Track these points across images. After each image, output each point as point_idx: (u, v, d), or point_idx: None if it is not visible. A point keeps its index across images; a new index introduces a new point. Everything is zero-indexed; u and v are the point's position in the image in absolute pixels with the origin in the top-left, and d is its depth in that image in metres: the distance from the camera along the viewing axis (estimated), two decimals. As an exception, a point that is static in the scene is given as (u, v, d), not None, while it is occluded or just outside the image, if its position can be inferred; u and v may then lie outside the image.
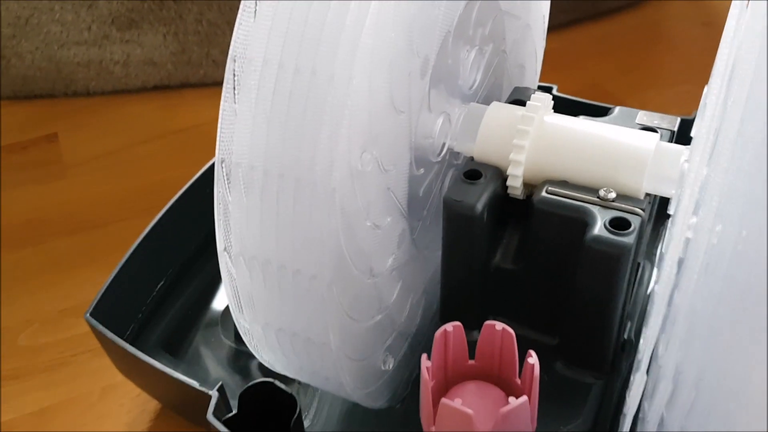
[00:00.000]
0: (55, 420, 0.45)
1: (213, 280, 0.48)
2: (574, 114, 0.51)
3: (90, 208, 0.60)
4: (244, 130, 0.26)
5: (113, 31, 0.67)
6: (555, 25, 0.78)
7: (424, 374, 0.30)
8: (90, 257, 0.56)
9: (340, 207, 0.27)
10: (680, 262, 0.26)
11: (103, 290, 0.41)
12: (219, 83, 0.79)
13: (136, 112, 0.71)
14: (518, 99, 0.41)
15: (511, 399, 0.29)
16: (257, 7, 0.26)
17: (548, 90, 0.55)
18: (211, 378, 0.43)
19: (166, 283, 0.46)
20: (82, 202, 0.61)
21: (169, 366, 0.42)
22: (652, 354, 0.26)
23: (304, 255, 0.28)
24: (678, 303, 0.25)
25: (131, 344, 0.42)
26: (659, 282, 0.25)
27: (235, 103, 0.26)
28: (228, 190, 0.27)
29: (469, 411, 0.29)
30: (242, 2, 0.27)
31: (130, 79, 0.70)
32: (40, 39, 0.67)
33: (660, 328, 0.24)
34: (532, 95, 0.37)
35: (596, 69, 0.74)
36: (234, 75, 0.26)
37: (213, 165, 0.48)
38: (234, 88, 0.26)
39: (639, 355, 0.25)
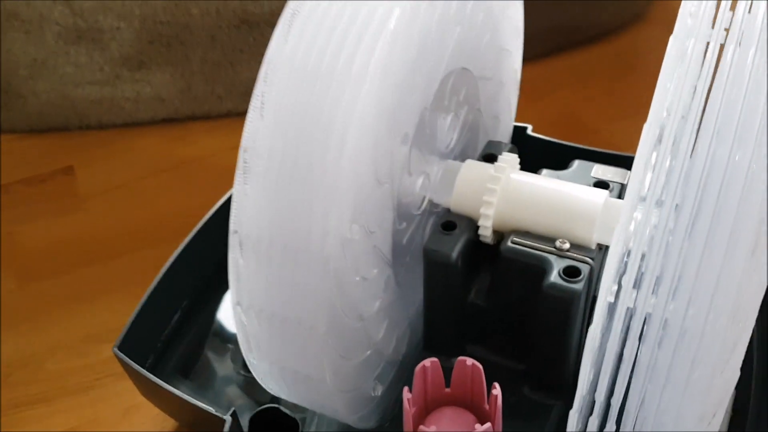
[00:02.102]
0: (82, 439, 0.51)
1: (224, 309, 0.54)
2: (547, 152, 0.57)
3: (106, 240, 0.66)
4: (252, 208, 0.32)
5: (124, 71, 0.72)
6: (532, 56, 0.83)
7: (405, 405, 0.36)
8: (108, 286, 0.61)
9: (333, 270, 0.32)
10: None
11: (128, 325, 0.46)
12: (222, 116, 0.84)
13: (145, 144, 0.76)
14: (490, 153, 0.46)
15: (477, 426, 0.35)
16: (263, 105, 0.32)
17: (523, 130, 0.60)
18: (223, 400, 0.48)
19: (182, 313, 0.52)
20: (99, 233, 0.66)
21: (186, 389, 0.48)
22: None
23: (303, 310, 0.33)
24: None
25: (152, 370, 0.48)
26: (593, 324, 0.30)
27: (245, 184, 0.32)
28: (240, 256, 0.33)
29: (443, 438, 0.34)
30: (252, 100, 0.32)
31: (140, 113, 0.76)
32: (55, 80, 0.72)
33: (590, 367, 0.29)
34: (500, 156, 0.43)
35: (573, 99, 0.80)
36: (245, 162, 0.32)
37: (223, 203, 0.54)
38: (244, 173, 0.32)
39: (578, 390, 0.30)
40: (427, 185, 0.42)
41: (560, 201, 0.41)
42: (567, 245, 0.40)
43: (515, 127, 0.59)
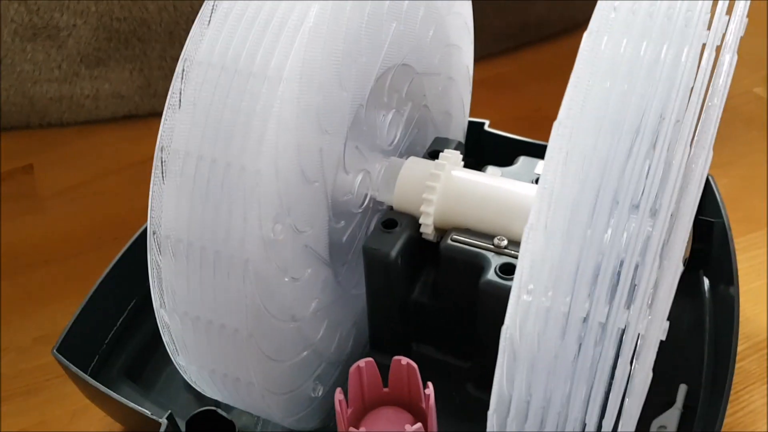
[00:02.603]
0: (29, 441, 0.50)
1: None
2: (504, 148, 0.56)
3: (64, 240, 0.65)
4: (170, 209, 0.31)
5: (82, 68, 0.72)
6: (499, 51, 0.83)
7: (337, 406, 0.35)
8: (63, 287, 0.60)
9: (254, 272, 0.32)
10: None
11: (68, 327, 0.46)
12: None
13: (106, 142, 0.75)
14: (436, 150, 0.46)
15: (408, 426, 0.34)
16: (180, 103, 0.31)
17: (480, 126, 0.59)
18: (171, 403, 0.48)
19: (127, 317, 0.51)
20: (56, 233, 0.66)
21: (132, 392, 0.47)
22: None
23: (225, 313, 0.33)
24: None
25: (96, 373, 0.48)
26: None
27: (163, 184, 0.31)
28: (159, 257, 0.32)
29: (372, 439, 0.34)
30: (168, 98, 0.32)
31: (100, 111, 0.75)
32: (13, 77, 0.71)
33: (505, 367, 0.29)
34: (442, 153, 0.42)
35: (539, 94, 0.79)
36: (162, 162, 0.31)
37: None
38: (162, 173, 0.31)
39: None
40: (368, 183, 0.42)
41: (498, 197, 0.40)
42: (505, 242, 0.39)
43: (473, 123, 0.58)
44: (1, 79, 0.72)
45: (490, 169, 0.45)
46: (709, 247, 0.53)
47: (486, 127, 0.60)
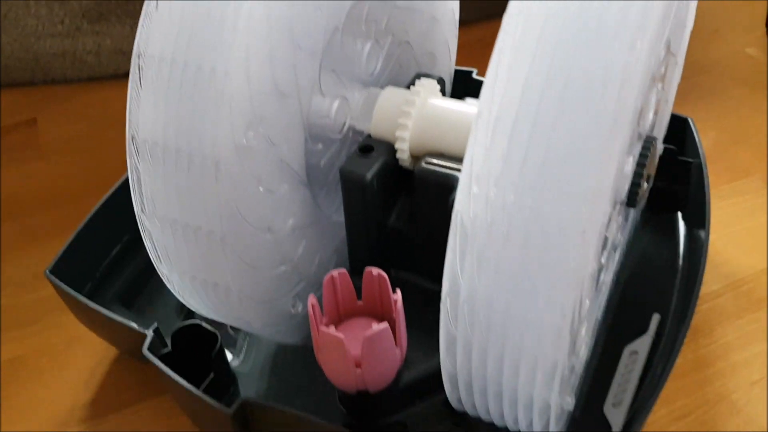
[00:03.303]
0: (26, 367, 0.52)
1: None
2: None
3: (64, 186, 0.67)
4: (147, 113, 0.33)
5: (84, 23, 0.74)
6: (495, 14, 0.84)
7: (309, 310, 0.37)
8: (63, 228, 0.62)
9: (226, 175, 0.33)
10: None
11: (63, 249, 0.48)
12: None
13: (107, 97, 0.77)
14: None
15: (374, 325, 0.36)
16: (156, 9, 0.33)
17: (468, 74, 0.61)
18: (162, 328, 0.50)
19: (122, 246, 0.53)
20: (58, 180, 0.68)
21: (123, 317, 0.49)
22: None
23: (201, 215, 0.34)
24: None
25: (89, 298, 0.49)
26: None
27: (141, 89, 0.33)
28: (138, 161, 0.34)
29: (340, 335, 0.35)
30: (144, 5, 0.33)
31: (102, 67, 0.77)
32: (17, 32, 0.73)
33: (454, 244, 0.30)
34: (417, 81, 0.44)
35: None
36: (139, 68, 0.33)
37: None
38: (139, 78, 0.33)
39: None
40: (346, 110, 0.43)
41: (470, 122, 0.42)
42: (475, 163, 0.41)
43: (461, 72, 0.60)
44: (5, 34, 0.74)
45: (469, 100, 0.47)
46: (687, 188, 0.54)
47: (474, 75, 0.61)
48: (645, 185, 0.39)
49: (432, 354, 0.43)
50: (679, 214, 0.55)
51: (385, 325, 0.36)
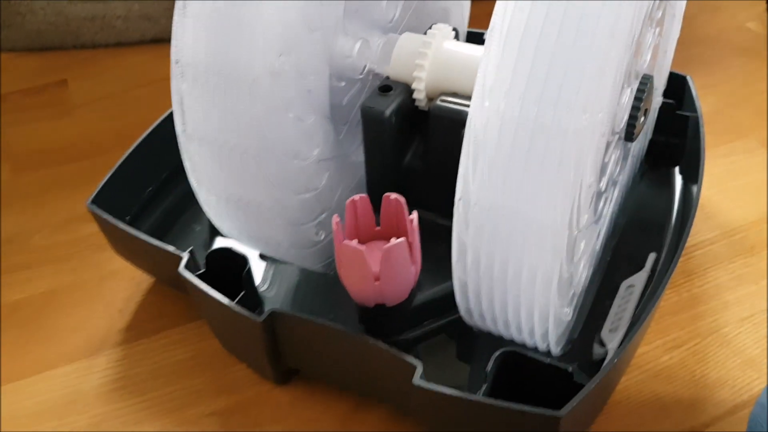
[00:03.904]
0: (62, 298, 0.56)
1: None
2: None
3: (93, 140, 0.71)
4: (189, 38, 0.37)
5: (114, -12, 0.77)
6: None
7: (333, 227, 0.41)
8: (91, 178, 0.65)
9: (261, 96, 0.37)
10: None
11: (104, 181, 0.51)
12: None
13: (134, 61, 0.81)
14: (430, 32, 0.51)
15: (393, 239, 0.39)
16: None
17: (479, 35, 0.64)
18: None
19: (157, 183, 0.57)
20: (86, 135, 0.71)
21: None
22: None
23: (237, 134, 0.38)
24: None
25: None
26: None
27: (185, 17, 0.37)
28: (182, 83, 0.38)
29: (361, 247, 0.39)
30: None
31: (130, 32, 0.80)
32: (51, -4, 0.77)
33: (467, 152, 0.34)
34: (434, 25, 0.47)
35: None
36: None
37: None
38: (183, 7, 0.36)
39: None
40: (366, 53, 0.47)
41: (482, 61, 0.45)
42: (486, 99, 0.44)
43: (473, 33, 0.63)
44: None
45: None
46: (684, 141, 0.57)
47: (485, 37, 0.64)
48: (642, 119, 0.42)
49: (442, 281, 0.47)
50: (676, 169, 0.58)
51: (402, 239, 0.39)
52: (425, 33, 0.50)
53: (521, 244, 0.34)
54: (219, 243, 0.52)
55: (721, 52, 0.79)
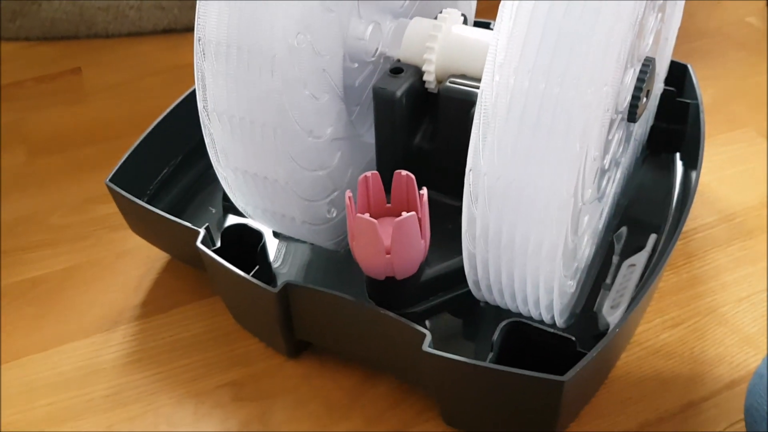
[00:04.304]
0: (79, 275, 0.57)
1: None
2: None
3: (106, 126, 0.72)
4: (212, 17, 0.38)
5: (128, -21, 0.79)
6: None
7: (346, 201, 0.42)
8: (105, 162, 0.67)
9: (280, 71, 0.39)
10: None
11: (123, 160, 0.53)
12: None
13: (147, 50, 0.82)
14: (439, 18, 0.52)
15: (404, 213, 0.41)
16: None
17: (486, 25, 0.66)
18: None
19: (172, 165, 0.58)
20: (100, 120, 0.73)
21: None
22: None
23: (256, 108, 0.40)
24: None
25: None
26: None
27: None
28: (203, 60, 0.39)
29: (374, 220, 0.40)
30: None
31: (143, 22, 0.82)
32: (66, -14, 0.79)
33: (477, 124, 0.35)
34: (444, 10, 0.49)
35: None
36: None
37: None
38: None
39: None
40: (378, 36, 0.48)
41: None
42: (494, 81, 0.46)
43: (479, 23, 0.65)
44: (55, -12, 0.79)
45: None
46: (685, 127, 0.59)
47: (492, 27, 0.66)
48: (644, 100, 0.44)
49: (449, 257, 0.48)
50: (677, 155, 0.60)
51: (413, 213, 0.41)
52: (435, 18, 0.52)
53: (528, 214, 0.36)
54: (232, 222, 0.53)
55: (722, 45, 0.80)
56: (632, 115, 0.43)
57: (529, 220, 0.36)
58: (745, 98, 0.72)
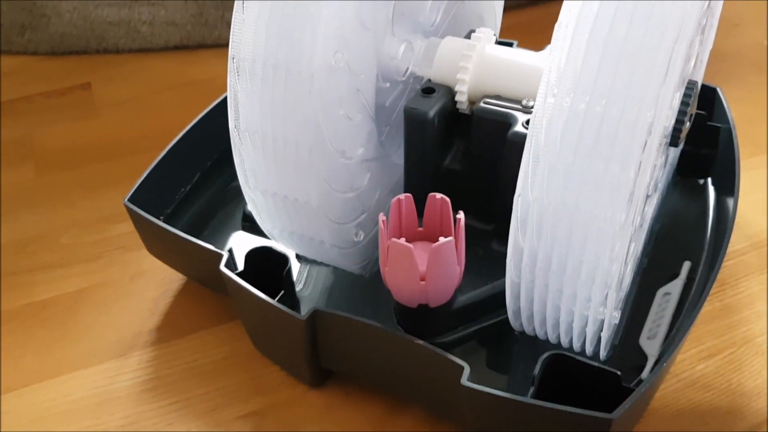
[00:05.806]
0: (91, 297, 0.55)
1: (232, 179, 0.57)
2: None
3: (117, 142, 0.71)
4: (248, 34, 0.37)
5: (141, -7, 0.78)
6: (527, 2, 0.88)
7: (380, 225, 0.40)
8: (118, 179, 0.66)
9: (318, 92, 0.37)
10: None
11: (141, 180, 0.51)
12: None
13: (158, 66, 0.81)
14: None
15: (441, 238, 0.39)
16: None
17: (509, 45, 0.64)
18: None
19: (191, 183, 0.57)
20: (111, 136, 0.71)
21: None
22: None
23: (291, 128, 0.38)
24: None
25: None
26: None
27: (243, 13, 0.37)
28: (237, 79, 0.38)
29: (409, 245, 0.39)
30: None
31: (155, 38, 0.81)
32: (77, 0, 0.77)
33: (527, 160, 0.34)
34: (478, 29, 0.47)
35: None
36: (242, -1, 0.37)
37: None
38: (243, 7, 0.37)
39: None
40: (410, 56, 0.47)
41: (526, 65, 0.46)
42: (532, 103, 0.44)
43: (502, 42, 0.64)
44: (66, 1, 0.78)
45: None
46: (716, 152, 0.58)
47: (514, 47, 0.65)
48: (687, 124, 0.42)
49: (480, 284, 0.47)
50: (710, 179, 0.59)
51: (451, 238, 0.39)
52: (467, 36, 0.51)
53: (580, 242, 0.34)
54: (253, 244, 0.51)
55: (740, 68, 0.79)
56: (675, 138, 0.42)
57: (580, 248, 0.35)
58: (765, 123, 0.71)
